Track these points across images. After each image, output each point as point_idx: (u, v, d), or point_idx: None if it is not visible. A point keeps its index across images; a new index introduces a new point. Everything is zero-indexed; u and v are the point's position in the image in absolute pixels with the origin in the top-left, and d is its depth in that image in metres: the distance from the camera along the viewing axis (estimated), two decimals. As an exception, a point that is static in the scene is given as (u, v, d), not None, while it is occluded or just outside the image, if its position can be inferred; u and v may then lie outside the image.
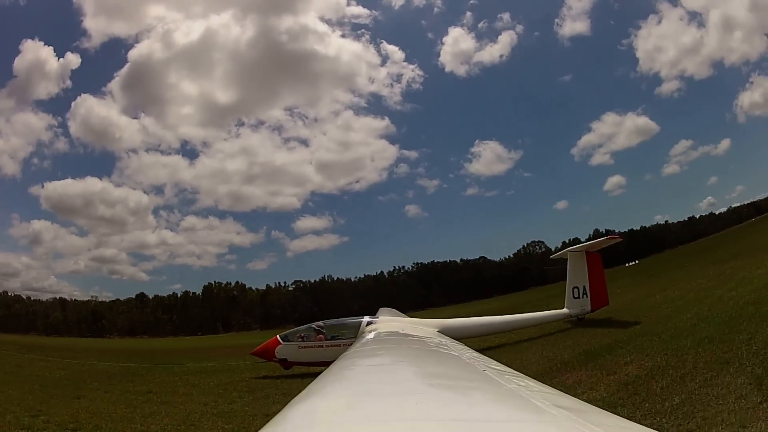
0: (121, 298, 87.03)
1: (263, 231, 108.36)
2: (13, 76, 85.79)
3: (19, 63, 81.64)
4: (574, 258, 16.09)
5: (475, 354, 5.10)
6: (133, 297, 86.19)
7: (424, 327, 13.37)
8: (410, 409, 2.09)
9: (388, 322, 14.47)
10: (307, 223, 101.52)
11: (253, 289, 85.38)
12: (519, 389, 2.64)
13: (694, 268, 24.80)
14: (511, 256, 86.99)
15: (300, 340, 14.93)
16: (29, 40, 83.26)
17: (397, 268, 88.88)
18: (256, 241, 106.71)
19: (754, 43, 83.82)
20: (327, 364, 4.97)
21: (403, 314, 20.08)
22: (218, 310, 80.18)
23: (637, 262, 57.91)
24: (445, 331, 12.65)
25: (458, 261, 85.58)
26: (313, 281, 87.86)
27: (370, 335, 10.88)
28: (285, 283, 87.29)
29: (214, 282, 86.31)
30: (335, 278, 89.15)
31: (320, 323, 15.55)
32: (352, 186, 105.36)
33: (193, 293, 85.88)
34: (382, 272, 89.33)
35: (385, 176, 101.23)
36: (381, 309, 22.31)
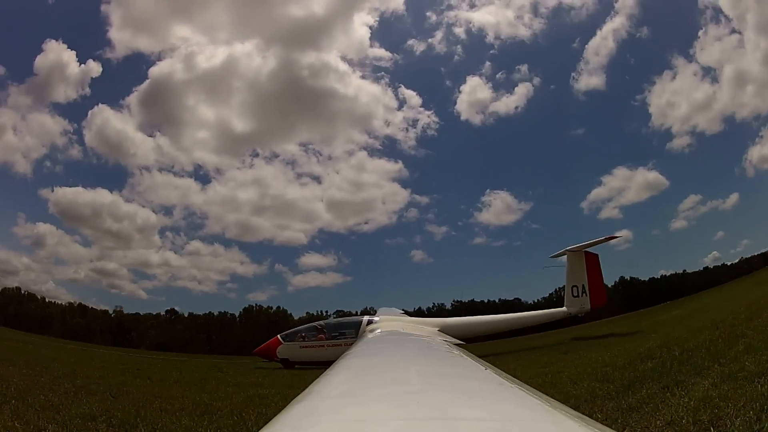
0: (147, 313, 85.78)
1: (267, 263, 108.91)
2: (34, 74, 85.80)
3: (40, 61, 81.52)
4: (574, 258, 16.10)
5: (475, 356, 5.10)
6: (163, 312, 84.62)
7: (425, 326, 13.40)
8: (410, 409, 2.10)
9: (388, 321, 14.49)
10: (311, 259, 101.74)
11: (294, 316, 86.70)
12: (519, 389, 2.64)
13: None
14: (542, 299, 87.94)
15: (301, 339, 14.95)
16: (53, 41, 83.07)
17: (436, 304, 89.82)
18: (259, 273, 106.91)
19: (765, 97, 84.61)
20: (328, 363, 4.98)
21: (404, 313, 20.10)
22: (258, 333, 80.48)
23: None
24: (445, 330, 12.68)
25: (497, 300, 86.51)
26: (355, 311, 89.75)
27: (371, 335, 10.91)
28: (327, 311, 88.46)
29: (255, 305, 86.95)
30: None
31: (321, 323, 15.58)
32: (360, 227, 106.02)
33: (230, 314, 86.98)
34: (420, 308, 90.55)
35: (395, 219, 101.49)
36: (381, 308, 22.35)
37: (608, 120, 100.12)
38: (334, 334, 14.76)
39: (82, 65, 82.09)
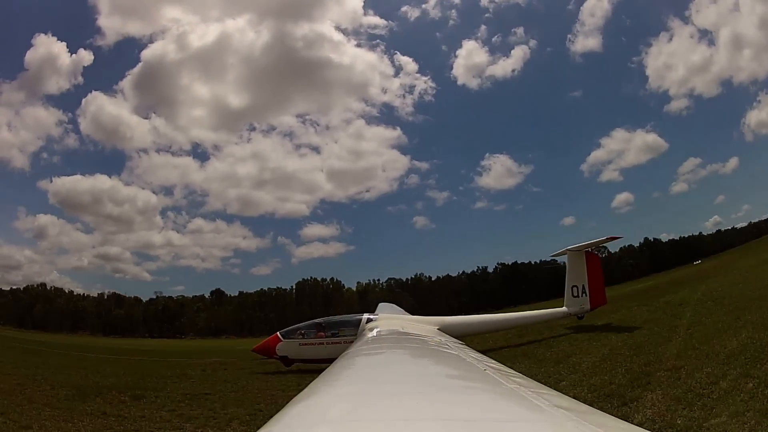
0: (188, 296, 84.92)
1: (269, 236, 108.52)
2: (24, 69, 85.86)
3: (30, 56, 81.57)
4: (574, 257, 16.11)
5: (476, 353, 5.12)
6: (208, 294, 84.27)
7: (425, 325, 13.41)
8: (410, 408, 2.11)
9: (388, 319, 14.51)
10: (314, 230, 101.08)
11: (346, 286, 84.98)
12: (519, 389, 2.65)
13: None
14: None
15: (300, 337, 14.97)
16: (42, 35, 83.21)
17: (480, 267, 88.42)
18: (262, 246, 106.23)
19: (762, 61, 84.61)
20: (328, 361, 5.00)
21: (404, 311, 20.14)
22: (315, 307, 79.43)
23: (700, 261, 60.44)
24: (445, 329, 12.69)
25: (539, 261, 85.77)
26: (406, 279, 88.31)
27: (371, 333, 10.92)
28: (378, 280, 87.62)
29: (309, 278, 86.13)
30: (428, 276, 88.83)
31: (321, 320, 15.58)
32: (361, 195, 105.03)
33: (282, 289, 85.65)
34: (474, 271, 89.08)
35: (396, 186, 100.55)
36: (381, 305, 22.34)
37: (605, 82, 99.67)
38: (334, 332, 14.75)
39: (73, 55, 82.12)
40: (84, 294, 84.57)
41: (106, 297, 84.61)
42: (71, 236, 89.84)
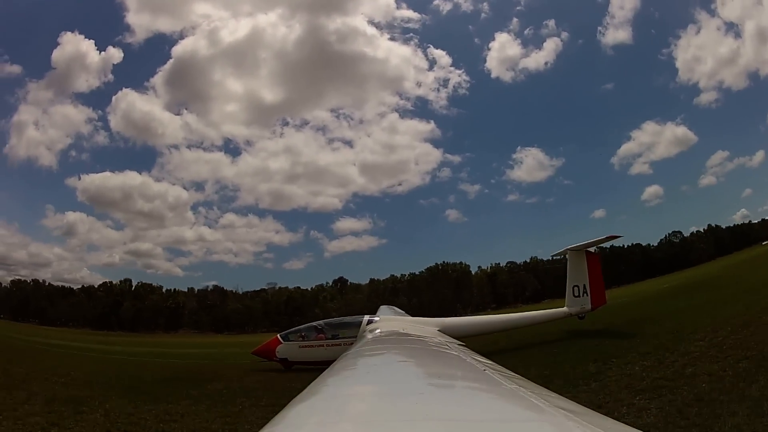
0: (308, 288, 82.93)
1: (302, 231, 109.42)
2: (52, 68, 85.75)
3: (58, 55, 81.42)
4: (575, 257, 16.10)
5: (475, 354, 5.11)
6: (330, 283, 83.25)
7: (425, 326, 13.40)
8: (410, 409, 2.10)
9: (388, 321, 14.50)
10: (346, 224, 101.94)
11: (470, 269, 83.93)
12: (519, 389, 2.65)
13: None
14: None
15: (300, 339, 14.96)
16: (69, 33, 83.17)
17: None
18: (295, 241, 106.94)
19: None
20: (328, 363, 4.98)
21: (404, 313, 20.13)
22: (449, 290, 79.03)
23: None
24: (445, 331, 12.68)
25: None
26: (522, 262, 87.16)
27: (371, 335, 10.91)
28: (499, 263, 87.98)
29: (441, 262, 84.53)
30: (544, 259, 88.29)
31: (321, 322, 15.57)
32: (394, 189, 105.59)
33: (413, 274, 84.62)
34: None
35: (428, 180, 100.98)
36: (381, 307, 22.35)
37: (636, 74, 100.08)
38: (334, 334, 14.74)
39: (102, 53, 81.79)
40: (172, 290, 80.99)
41: (215, 289, 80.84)
42: (101, 233, 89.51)
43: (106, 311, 72.26)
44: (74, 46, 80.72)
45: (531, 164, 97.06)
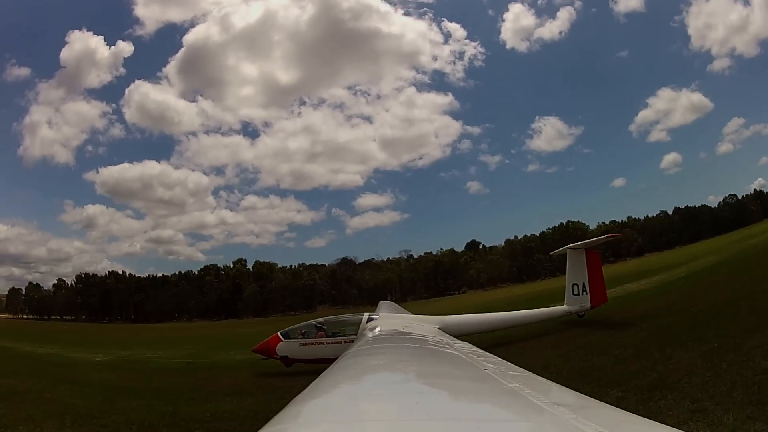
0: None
1: (324, 209, 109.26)
2: (61, 67, 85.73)
3: (66, 53, 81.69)
4: (574, 255, 16.09)
5: (476, 351, 5.11)
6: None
7: (425, 324, 13.41)
8: (410, 409, 2.11)
9: (388, 318, 14.50)
10: (368, 200, 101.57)
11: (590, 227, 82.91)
12: (519, 388, 2.65)
13: None
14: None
15: (301, 337, 14.97)
16: (76, 31, 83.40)
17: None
18: (317, 219, 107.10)
19: None
20: (328, 361, 4.99)
21: (404, 310, 20.16)
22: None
23: None
24: (445, 328, 12.69)
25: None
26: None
27: (371, 333, 10.92)
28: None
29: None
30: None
31: (321, 320, 15.57)
32: (415, 162, 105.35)
33: (543, 233, 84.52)
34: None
35: (449, 152, 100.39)
36: (381, 304, 22.35)
37: (650, 41, 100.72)
38: (334, 332, 14.75)
39: (112, 47, 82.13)
40: (291, 266, 79.01)
41: (338, 264, 78.81)
42: (121, 223, 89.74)
43: (224, 297, 69.42)
44: (83, 43, 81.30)
45: (550, 133, 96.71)
